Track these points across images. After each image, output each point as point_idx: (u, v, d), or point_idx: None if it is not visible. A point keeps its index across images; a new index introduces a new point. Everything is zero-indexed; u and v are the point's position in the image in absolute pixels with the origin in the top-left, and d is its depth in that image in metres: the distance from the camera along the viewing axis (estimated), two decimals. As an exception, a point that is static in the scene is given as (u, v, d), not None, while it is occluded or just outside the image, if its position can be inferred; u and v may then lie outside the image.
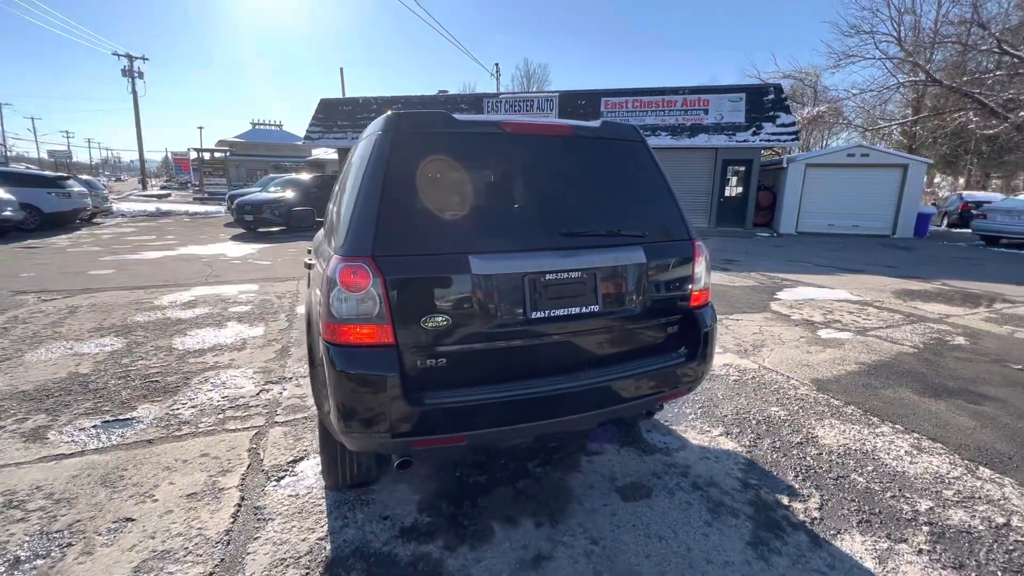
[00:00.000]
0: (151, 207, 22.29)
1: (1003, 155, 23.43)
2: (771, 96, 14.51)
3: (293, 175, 16.58)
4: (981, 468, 2.62)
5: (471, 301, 1.73)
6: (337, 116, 18.12)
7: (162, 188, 46.23)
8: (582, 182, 2.02)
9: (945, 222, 19.09)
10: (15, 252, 10.07)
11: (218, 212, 21.47)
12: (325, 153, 45.42)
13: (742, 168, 14.60)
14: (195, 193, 39.98)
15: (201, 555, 1.95)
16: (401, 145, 1.79)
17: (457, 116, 1.90)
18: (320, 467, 2.51)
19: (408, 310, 1.68)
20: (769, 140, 14.26)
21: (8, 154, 66.39)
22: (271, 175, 20.75)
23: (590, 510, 2.25)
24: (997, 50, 15.21)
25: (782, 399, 3.43)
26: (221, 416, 3.10)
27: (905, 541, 2.07)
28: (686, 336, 2.13)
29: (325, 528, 2.11)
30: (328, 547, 2.00)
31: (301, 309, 5.74)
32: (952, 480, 2.51)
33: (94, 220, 16.63)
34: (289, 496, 2.33)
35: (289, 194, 14.32)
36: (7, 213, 12.02)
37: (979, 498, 2.37)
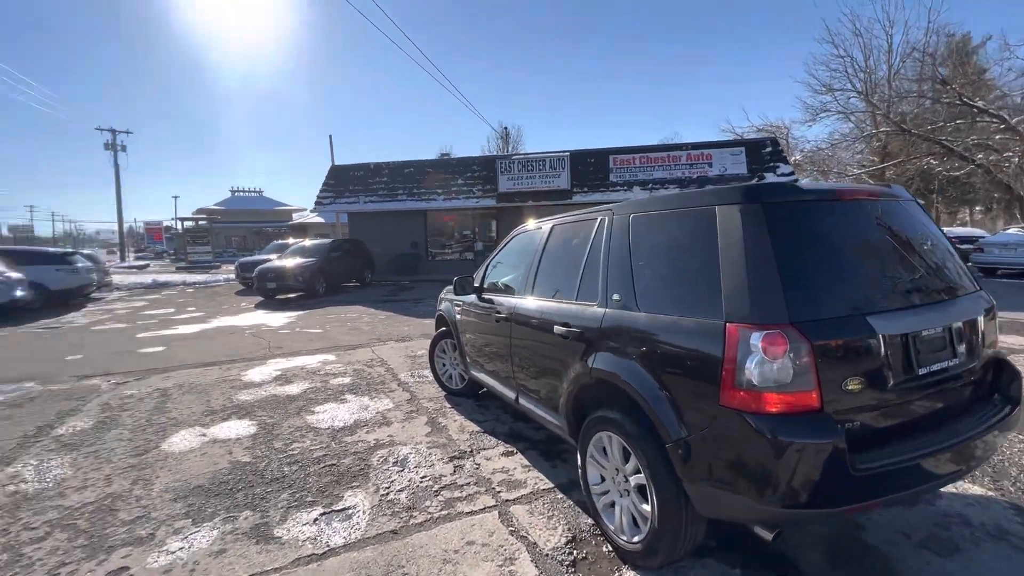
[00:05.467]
0: (145, 279, 21.57)
1: (965, 194, 25.61)
2: (769, 149, 15.63)
3: (308, 242, 16.50)
4: None
5: (876, 360, 1.77)
6: (348, 181, 18.36)
7: (137, 259, 45.02)
8: (902, 239, 2.13)
9: (928, 257, 20.33)
10: (37, 334, 9.53)
11: (216, 281, 20.95)
12: (309, 218, 45.55)
13: (747, 215, 15.37)
14: (175, 262, 39.01)
15: (580, 657, 1.80)
16: (773, 213, 1.87)
17: (800, 185, 2.02)
18: (609, 547, 2.40)
19: (829, 373, 1.70)
20: (770, 189, 15.19)
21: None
22: (278, 241, 20.60)
23: (917, 569, 2.19)
24: (959, 102, 17.01)
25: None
26: (441, 499, 2.92)
27: None
28: (1006, 380, 2.20)
29: (680, 613, 1.98)
30: (704, 635, 1.87)
31: (405, 376, 5.57)
32: None
33: (92, 296, 15.85)
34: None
35: (309, 260, 14.19)
36: (19, 293, 11.46)
37: None
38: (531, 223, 3.72)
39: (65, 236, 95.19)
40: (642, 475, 2.14)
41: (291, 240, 21.47)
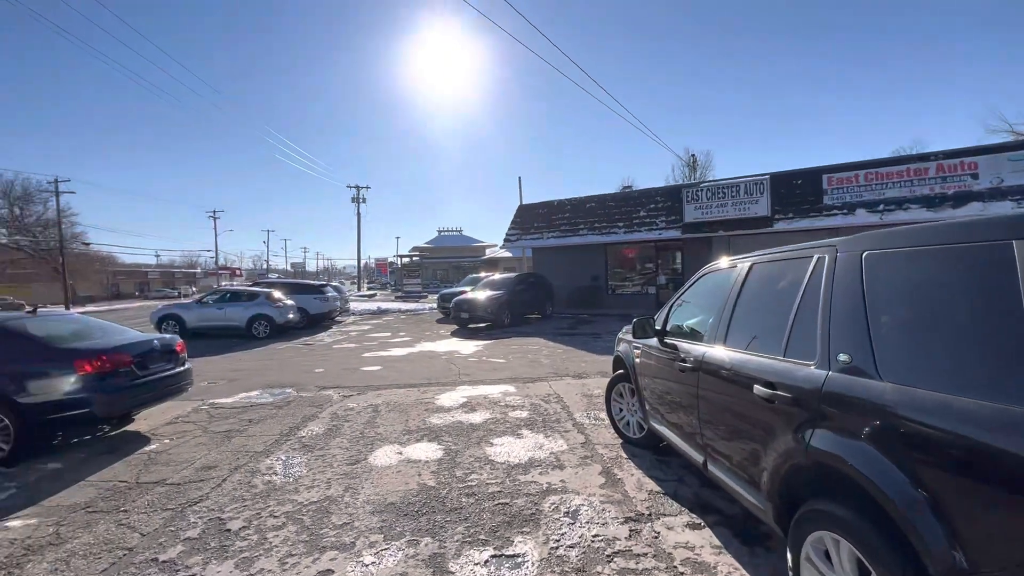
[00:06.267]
0: (372, 306, 26.10)
1: None
2: (1080, 148, 11.41)
3: (497, 275, 17.93)
4: None
5: None
6: (534, 219, 19.55)
7: (368, 289, 54.91)
8: None
9: None
10: (298, 349, 12.16)
11: (422, 309, 24.14)
12: (498, 253, 49.56)
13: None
14: (394, 292, 46.46)
15: None
16: None
17: None
18: None
19: None
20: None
21: (267, 267, 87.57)
22: (472, 275, 22.90)
23: None
24: None
25: None
26: (615, 567, 2.64)
27: None
28: None
29: None
30: None
31: (581, 416, 5.42)
32: None
33: (336, 319, 19.73)
34: None
35: (497, 293, 15.31)
36: (291, 316, 14.93)
37: None
38: (724, 260, 3.27)
39: (323, 271, 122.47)
40: (891, 607, 1.57)
41: (483, 274, 23.66)
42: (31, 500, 3.77)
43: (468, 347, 11.37)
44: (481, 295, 15.10)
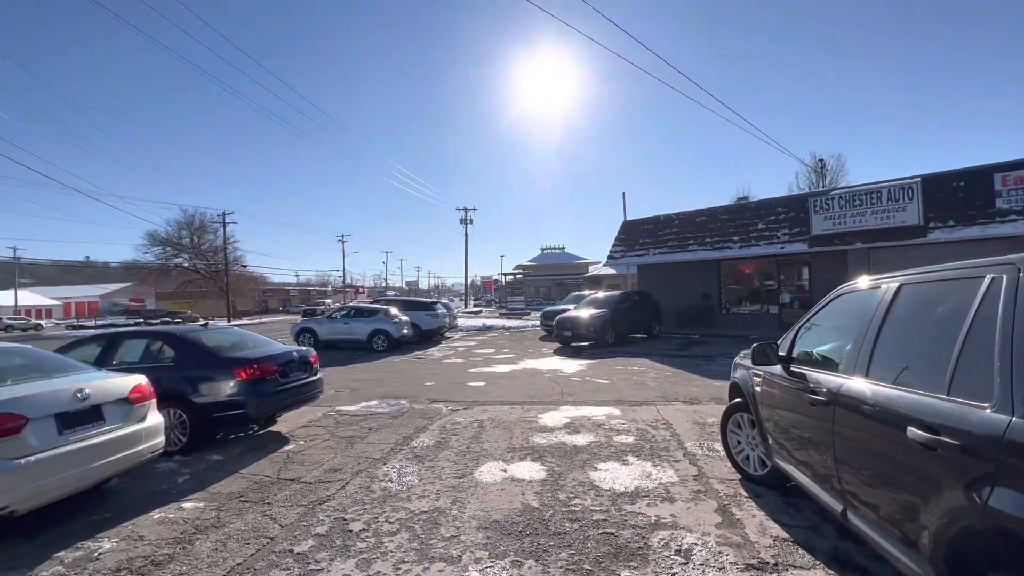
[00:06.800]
0: (477, 323, 27.10)
1: None
2: None
3: (601, 293, 17.66)
4: None
5: None
6: (638, 235, 19.00)
7: (475, 306, 57.17)
8: None
9: None
10: (411, 362, 12.99)
11: (525, 326, 24.49)
12: (601, 270, 48.72)
13: None
14: (499, 309, 47.82)
15: None
16: None
17: None
18: None
19: None
20: None
21: (386, 285, 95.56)
22: (575, 292, 22.82)
23: None
24: None
25: None
26: (734, 618, 2.40)
27: None
28: None
29: None
30: None
31: (692, 446, 5.07)
32: None
33: (445, 335, 20.79)
34: None
35: (600, 311, 15.03)
36: (406, 332, 16.06)
37: None
38: (863, 280, 2.88)
39: (434, 288, 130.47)
40: None
41: (586, 292, 23.45)
42: (200, 486, 4.45)
43: (571, 366, 11.26)
44: (584, 313, 14.93)
